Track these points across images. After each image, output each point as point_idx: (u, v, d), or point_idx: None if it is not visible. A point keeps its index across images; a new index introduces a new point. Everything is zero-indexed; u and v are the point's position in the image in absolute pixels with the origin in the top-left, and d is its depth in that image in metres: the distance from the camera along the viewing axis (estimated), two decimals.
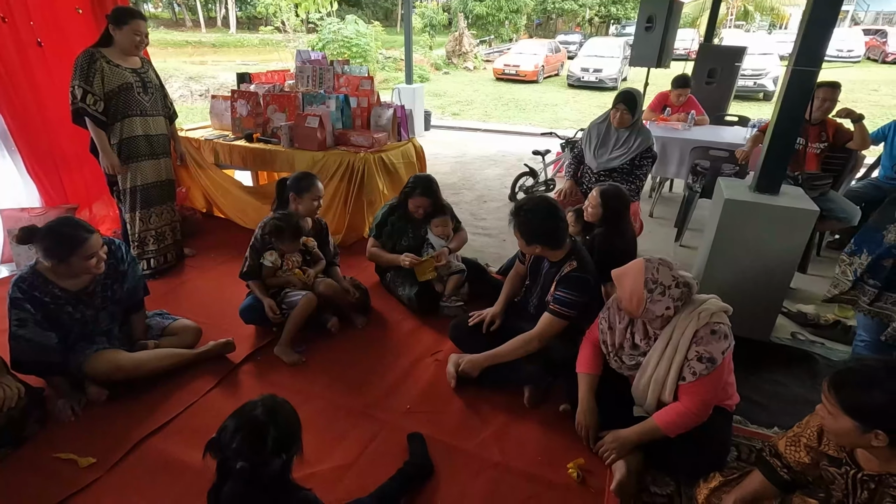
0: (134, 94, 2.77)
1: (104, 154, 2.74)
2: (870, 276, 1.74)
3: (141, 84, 2.81)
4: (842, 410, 1.16)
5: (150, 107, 2.87)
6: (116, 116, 2.74)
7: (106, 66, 2.66)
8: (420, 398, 2.12)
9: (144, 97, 2.83)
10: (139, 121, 2.82)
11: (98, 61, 2.63)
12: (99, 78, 2.64)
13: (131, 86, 2.75)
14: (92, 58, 2.63)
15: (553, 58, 16.71)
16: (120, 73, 2.71)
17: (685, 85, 4.65)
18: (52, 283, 1.92)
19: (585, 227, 2.75)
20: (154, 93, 2.89)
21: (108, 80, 2.67)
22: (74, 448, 1.80)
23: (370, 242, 2.78)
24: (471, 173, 5.87)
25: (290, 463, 1.14)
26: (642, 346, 1.81)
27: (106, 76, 2.66)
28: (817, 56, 2.03)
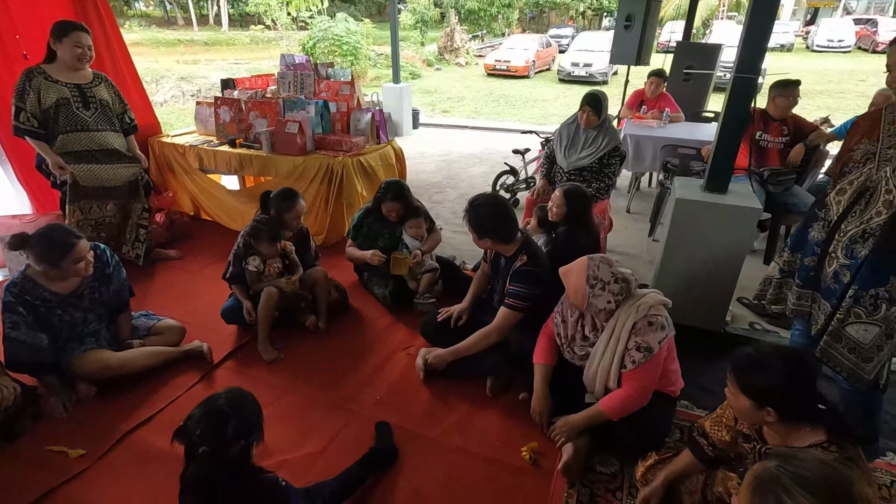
0: (72, 109, 2.78)
1: (47, 156, 2.77)
2: (796, 275, 1.87)
3: (81, 99, 2.81)
4: (739, 390, 1.31)
5: (93, 122, 2.87)
6: (57, 130, 2.77)
7: (43, 83, 2.69)
8: (390, 390, 2.27)
9: (85, 112, 2.83)
10: (81, 136, 2.84)
11: (35, 78, 2.68)
12: (34, 95, 2.68)
13: (69, 101, 2.76)
14: (29, 75, 2.68)
15: (544, 52, 16.78)
16: (57, 88, 2.73)
17: (659, 75, 4.79)
18: (42, 286, 2.05)
19: (551, 226, 2.88)
20: (97, 108, 2.88)
21: (45, 96, 2.70)
22: (65, 441, 1.94)
23: (348, 243, 2.93)
24: (456, 172, 5.99)
25: (249, 448, 1.28)
26: (591, 337, 1.96)
27: (42, 92, 2.69)
28: (755, 64, 2.16)
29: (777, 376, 1.25)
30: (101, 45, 3.46)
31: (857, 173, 1.70)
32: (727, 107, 2.26)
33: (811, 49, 20.40)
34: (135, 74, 3.71)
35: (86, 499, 1.73)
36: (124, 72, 3.61)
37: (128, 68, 3.64)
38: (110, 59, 3.53)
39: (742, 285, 3.21)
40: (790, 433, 1.30)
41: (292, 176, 3.38)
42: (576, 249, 2.61)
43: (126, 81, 3.63)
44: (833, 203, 1.78)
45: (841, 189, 1.74)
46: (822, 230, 1.79)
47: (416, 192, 5.14)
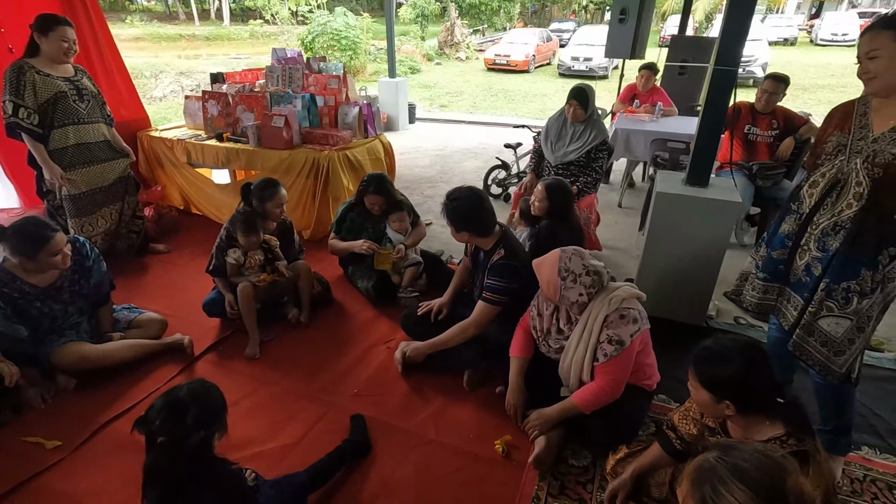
0: (70, 102, 2.78)
1: (46, 166, 2.77)
2: (761, 269, 1.84)
3: (76, 92, 2.82)
4: (699, 383, 1.31)
5: (87, 114, 2.88)
6: (53, 126, 2.76)
7: (37, 77, 2.66)
8: (368, 382, 2.27)
9: (80, 105, 2.84)
10: (73, 130, 2.82)
11: (27, 73, 2.64)
12: (30, 90, 2.64)
13: (66, 94, 2.75)
14: (20, 70, 2.63)
15: (545, 47, 16.70)
16: (52, 82, 2.71)
17: (649, 68, 4.77)
18: (20, 279, 2.07)
19: (534, 220, 2.88)
20: (90, 100, 2.90)
21: (41, 91, 2.67)
22: (43, 432, 1.96)
23: (331, 237, 2.93)
24: (450, 166, 5.98)
25: (210, 439, 1.28)
26: (566, 330, 1.95)
27: (38, 87, 2.66)
28: (734, 57, 2.14)
29: (734, 369, 1.24)
30: (89, 38, 3.47)
31: (829, 165, 1.68)
32: (707, 100, 2.25)
33: (815, 43, 20.20)
34: (123, 68, 3.71)
35: (60, 489, 1.75)
36: (112, 66, 3.62)
37: (116, 62, 3.65)
38: (98, 52, 3.54)
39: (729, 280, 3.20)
40: (750, 426, 1.30)
41: (279, 170, 3.38)
42: (557, 243, 2.62)
43: (114, 75, 3.64)
44: (806, 196, 1.76)
45: (814, 181, 1.73)
46: (795, 223, 1.78)
47: (408, 187, 5.20)
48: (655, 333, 2.34)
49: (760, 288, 1.84)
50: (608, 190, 5.15)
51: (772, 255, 1.80)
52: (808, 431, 1.23)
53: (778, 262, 1.79)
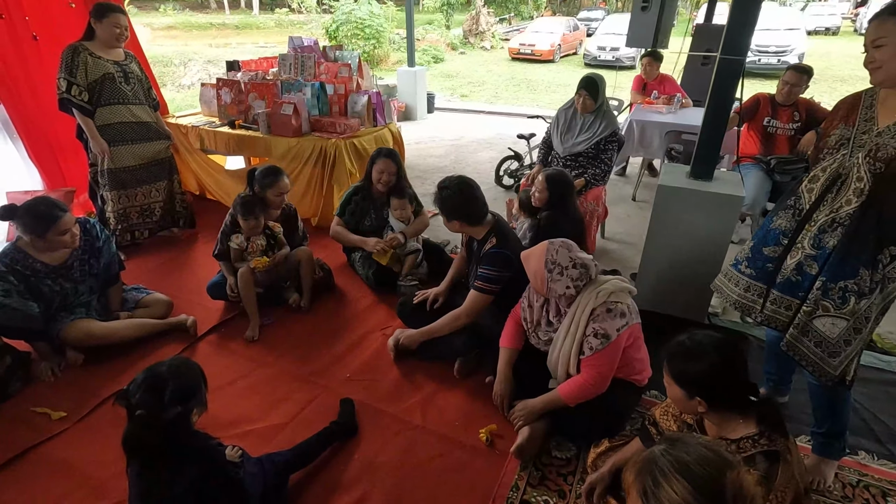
0: (116, 83, 2.99)
1: (93, 139, 2.98)
2: (748, 265, 1.77)
3: (123, 75, 3.03)
4: (671, 378, 1.29)
5: (132, 96, 3.09)
6: (100, 103, 2.97)
7: (89, 59, 2.88)
8: (362, 368, 2.31)
9: (126, 87, 3.04)
10: (121, 108, 3.04)
11: (81, 54, 2.86)
12: (82, 70, 2.86)
13: (113, 76, 2.96)
14: (75, 51, 2.85)
15: (571, 36, 16.36)
16: (102, 64, 2.93)
17: (651, 55, 4.65)
18: (32, 257, 2.16)
19: (535, 210, 2.85)
20: (135, 83, 3.10)
21: (91, 71, 2.89)
22: (50, 403, 2.07)
23: (335, 221, 2.96)
24: (464, 157, 5.96)
25: (187, 414, 1.33)
26: (555, 322, 1.94)
27: (89, 68, 2.88)
28: (742, 46, 2.06)
29: (705, 365, 1.22)
30: None
31: (831, 160, 1.62)
32: (712, 91, 2.18)
33: (859, 32, 19.21)
34: (143, 58, 3.79)
35: (62, 457, 1.84)
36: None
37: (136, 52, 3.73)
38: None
39: None
40: (723, 424, 1.28)
41: (287, 157, 3.43)
42: (557, 235, 2.60)
43: None
44: (805, 191, 1.70)
45: (814, 176, 1.66)
46: (793, 219, 1.72)
47: (420, 177, 5.22)
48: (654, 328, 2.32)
49: (744, 284, 1.78)
50: (623, 182, 5.06)
51: (762, 251, 1.73)
52: (782, 431, 1.20)
53: (768, 260, 1.72)
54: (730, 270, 1.84)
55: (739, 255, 1.81)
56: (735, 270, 1.81)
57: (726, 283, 1.84)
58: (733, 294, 1.80)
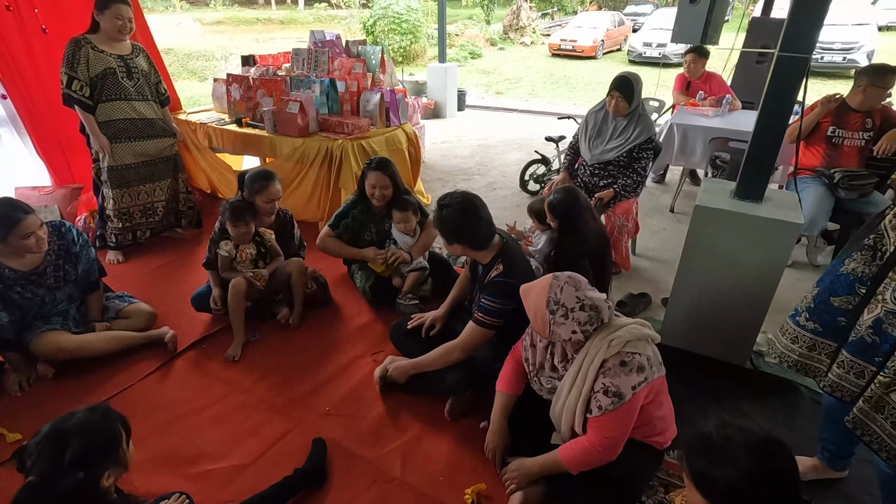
0: (117, 79, 2.87)
1: (94, 136, 2.88)
2: (809, 317, 1.41)
3: (125, 70, 2.90)
4: (692, 482, 0.97)
5: (135, 92, 2.96)
6: (101, 99, 2.86)
7: (91, 53, 2.77)
8: (344, 399, 2.07)
9: (128, 82, 2.92)
10: (123, 105, 2.92)
11: (83, 48, 2.75)
12: (84, 64, 2.75)
13: (114, 71, 2.85)
14: (77, 45, 2.75)
15: (615, 31, 15.66)
16: (104, 58, 2.81)
17: (696, 51, 4.18)
18: (1, 263, 2.03)
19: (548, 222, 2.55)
20: (140, 79, 2.98)
21: (93, 65, 2.78)
22: (10, 421, 1.93)
23: (325, 232, 2.67)
24: (490, 158, 5.65)
25: (93, 480, 1.11)
26: (560, 369, 1.64)
27: (91, 62, 2.77)
28: (807, 42, 1.68)
29: (735, 472, 0.90)
30: None
31: None
32: (767, 94, 1.80)
33: None
34: (156, 53, 3.67)
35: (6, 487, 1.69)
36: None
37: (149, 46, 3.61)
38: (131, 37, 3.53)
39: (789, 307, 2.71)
40: None
41: (292, 158, 3.24)
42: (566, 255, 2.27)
43: None
44: (890, 228, 1.33)
45: None
46: (871, 263, 1.35)
47: (443, 178, 4.95)
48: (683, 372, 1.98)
49: (806, 342, 1.42)
50: (661, 191, 4.63)
51: (830, 302, 1.38)
52: None
53: (838, 313, 1.37)
54: (787, 325, 1.48)
55: (799, 305, 1.46)
56: (793, 324, 1.45)
57: (782, 340, 1.49)
58: (793, 354, 1.45)
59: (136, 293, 2.62)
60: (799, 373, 1.48)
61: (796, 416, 1.98)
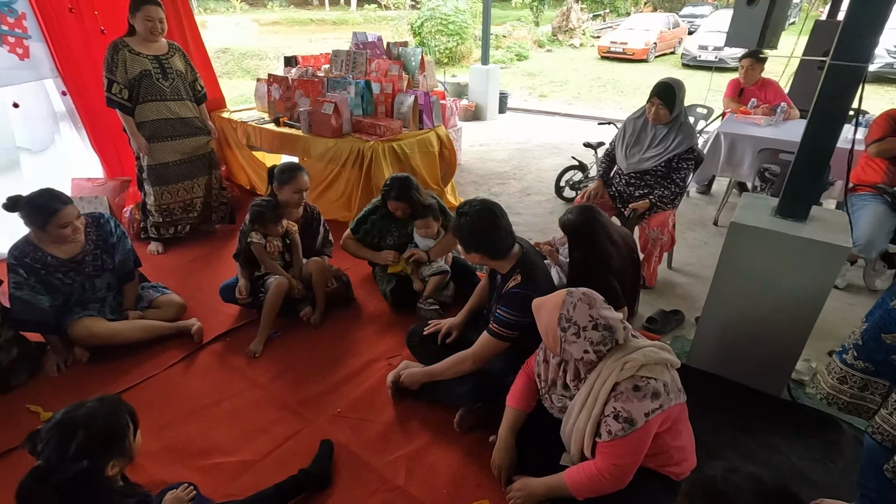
0: (153, 80, 2.97)
1: (132, 136, 3.01)
2: (858, 356, 1.28)
3: (160, 70, 3.00)
4: None
5: (171, 92, 3.06)
6: (139, 100, 2.97)
7: (128, 56, 2.88)
8: (355, 403, 2.07)
9: (164, 83, 3.02)
10: (158, 105, 3.02)
11: (121, 51, 2.87)
12: (122, 67, 2.87)
13: (150, 73, 2.95)
14: (115, 48, 2.86)
15: (669, 34, 15.10)
16: (139, 60, 2.92)
17: (754, 56, 3.91)
18: (43, 250, 2.15)
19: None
20: (175, 78, 3.07)
21: (130, 67, 2.89)
22: (45, 402, 2.04)
23: (346, 234, 2.71)
24: (527, 162, 5.56)
25: (96, 470, 1.15)
26: (572, 387, 1.57)
27: (128, 65, 2.88)
28: (866, 48, 1.53)
29: None
30: (173, 21, 3.63)
31: None
32: (816, 105, 1.66)
33: None
34: (203, 51, 3.85)
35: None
36: (192, 48, 3.76)
37: (196, 46, 3.79)
38: (181, 35, 3.69)
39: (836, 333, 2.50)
40: None
41: (324, 158, 3.29)
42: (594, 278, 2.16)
43: (193, 57, 3.78)
44: None
45: None
46: None
47: (477, 182, 4.91)
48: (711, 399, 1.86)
49: (857, 382, 1.29)
50: (706, 202, 4.41)
51: (881, 339, 1.25)
52: None
53: (891, 351, 1.23)
54: (833, 364, 1.36)
55: (846, 342, 1.34)
56: (840, 363, 1.33)
57: (828, 379, 1.37)
58: (843, 396, 1.34)
59: (170, 284, 2.73)
60: (851, 414, 1.35)
61: (836, 455, 1.82)
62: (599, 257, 2.10)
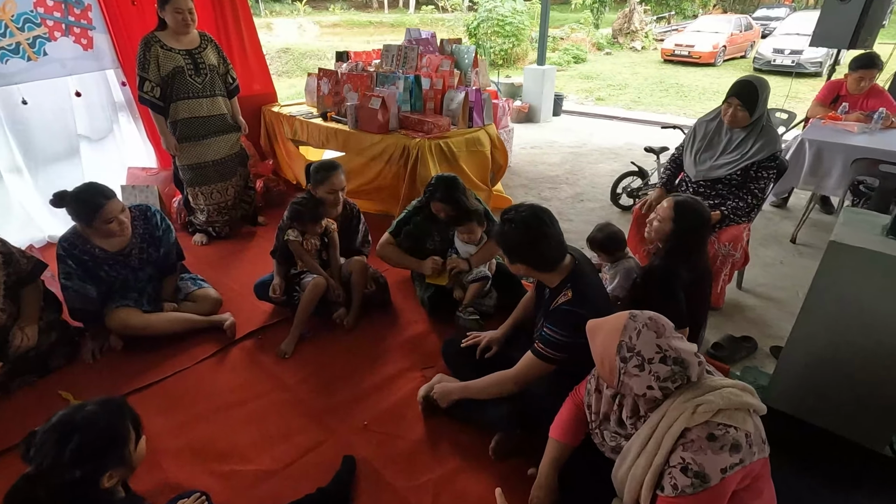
0: (185, 77, 2.88)
1: (163, 136, 2.97)
2: None
3: (193, 66, 2.90)
4: None
5: (203, 88, 2.96)
6: (171, 98, 2.89)
7: (160, 52, 2.79)
8: (384, 415, 1.93)
9: (196, 79, 2.92)
10: (191, 103, 2.94)
11: (153, 47, 2.78)
12: (154, 64, 2.79)
13: (182, 69, 2.86)
14: (147, 44, 2.78)
15: (741, 37, 14.20)
16: (172, 56, 2.83)
17: (868, 66, 3.41)
18: (91, 243, 2.15)
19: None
20: (208, 73, 2.96)
21: (163, 64, 2.81)
22: (76, 388, 2.03)
23: (385, 239, 2.55)
24: (581, 167, 5.27)
25: (92, 478, 1.05)
26: (628, 425, 1.35)
27: (161, 61, 2.80)
28: None
29: None
30: (229, 16, 3.67)
31: None
32: None
33: None
34: (257, 47, 3.87)
35: None
36: (248, 46, 3.79)
37: (252, 42, 3.81)
38: (237, 32, 3.72)
39: None
40: None
41: (368, 155, 3.18)
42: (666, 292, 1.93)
43: (248, 55, 3.81)
44: None
45: None
46: None
47: (527, 185, 4.69)
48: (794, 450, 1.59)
49: None
50: (781, 217, 3.98)
51: None
52: None
53: None
54: None
55: None
56: None
57: None
58: None
59: (208, 275, 2.71)
60: None
61: None
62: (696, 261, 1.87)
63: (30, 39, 2.95)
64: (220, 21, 3.63)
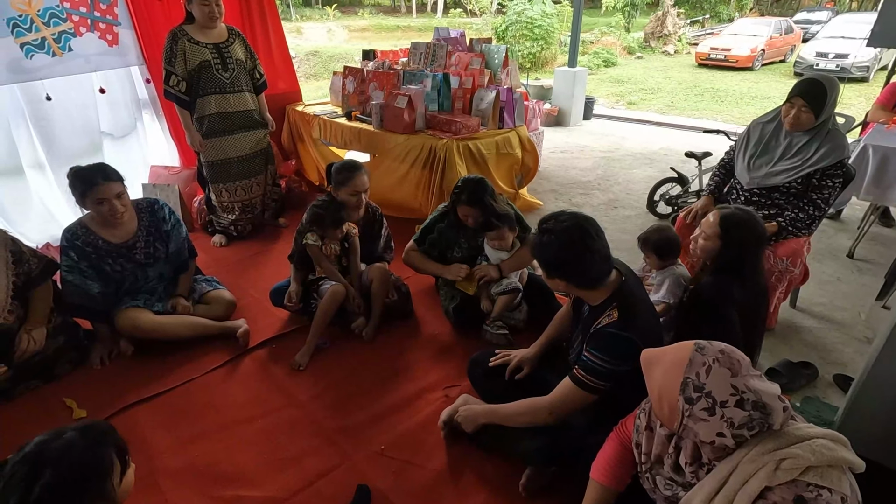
0: (212, 71, 2.82)
1: (188, 132, 2.91)
2: None
3: (220, 61, 2.85)
4: None
5: (230, 83, 2.89)
6: (198, 93, 2.84)
7: (188, 45, 2.75)
8: (402, 439, 1.76)
9: (223, 74, 2.86)
10: (217, 98, 2.88)
11: (180, 41, 2.73)
12: (181, 58, 2.74)
13: (209, 64, 2.81)
14: (174, 38, 2.73)
15: (780, 40, 13.66)
16: (199, 50, 2.78)
17: None
18: (94, 233, 2.06)
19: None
20: (235, 68, 2.90)
21: (190, 58, 2.76)
22: (82, 396, 1.93)
23: (409, 246, 2.41)
24: (614, 172, 5.03)
25: None
26: (687, 473, 1.15)
27: (188, 55, 2.75)
28: None
29: None
30: (256, 16, 3.59)
31: None
32: None
33: None
34: (283, 46, 3.78)
35: None
36: (273, 42, 3.70)
37: (278, 41, 3.72)
38: (263, 31, 3.63)
39: None
40: None
41: (392, 155, 3.04)
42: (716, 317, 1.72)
43: (273, 53, 3.72)
44: None
45: None
46: None
47: (556, 191, 4.47)
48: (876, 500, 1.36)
49: None
50: (835, 230, 3.68)
51: None
52: None
53: None
54: None
55: None
56: None
57: None
58: None
59: (225, 278, 2.61)
60: None
61: None
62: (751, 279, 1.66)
63: (55, 35, 2.91)
64: (247, 17, 3.55)
